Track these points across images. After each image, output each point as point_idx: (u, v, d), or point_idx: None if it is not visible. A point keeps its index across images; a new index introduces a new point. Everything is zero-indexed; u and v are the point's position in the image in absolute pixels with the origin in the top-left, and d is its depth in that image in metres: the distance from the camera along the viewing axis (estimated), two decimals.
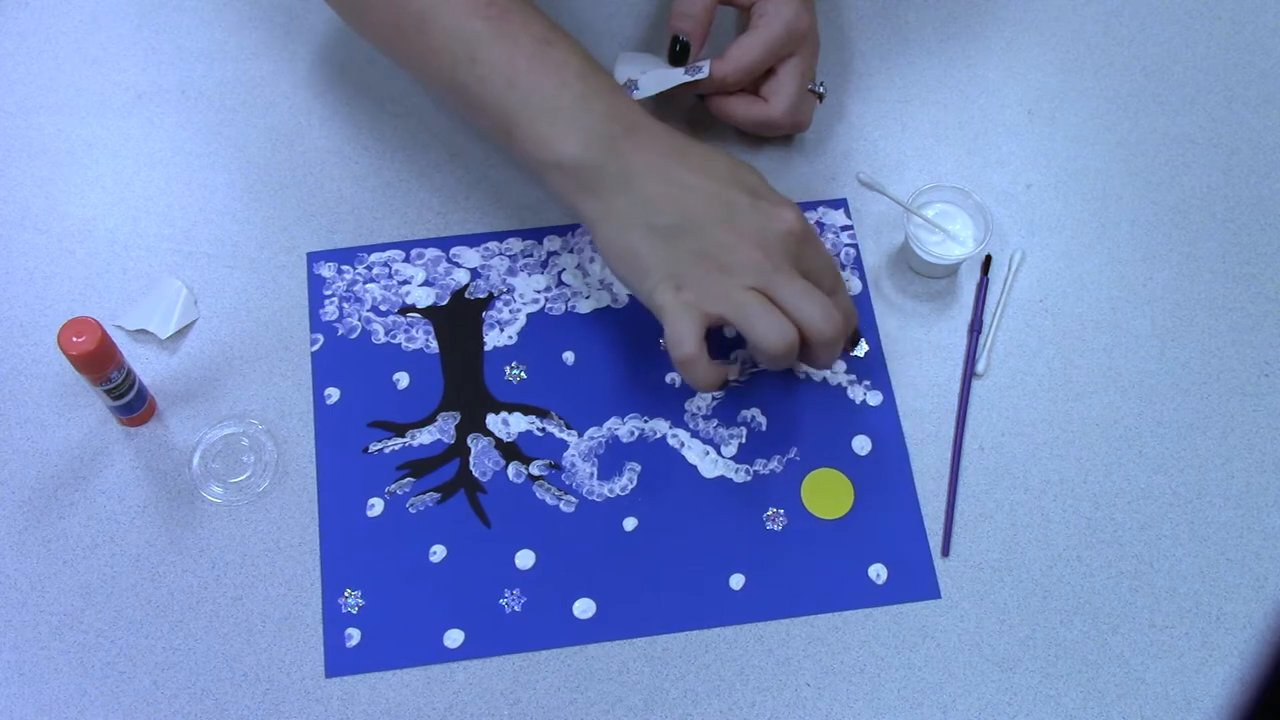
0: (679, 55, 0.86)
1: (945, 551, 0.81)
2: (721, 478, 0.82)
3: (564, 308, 0.87)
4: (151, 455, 0.82)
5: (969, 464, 0.83)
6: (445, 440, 0.83)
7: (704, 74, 0.83)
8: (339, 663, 0.77)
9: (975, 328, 0.87)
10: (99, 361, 0.76)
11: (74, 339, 0.74)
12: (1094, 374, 0.86)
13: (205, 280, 0.88)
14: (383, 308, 0.87)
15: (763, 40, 0.85)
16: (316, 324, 0.86)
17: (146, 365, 0.85)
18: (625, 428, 0.84)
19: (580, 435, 0.83)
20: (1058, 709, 0.77)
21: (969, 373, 0.86)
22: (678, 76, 0.85)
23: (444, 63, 0.78)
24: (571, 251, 0.89)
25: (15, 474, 0.82)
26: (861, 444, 0.84)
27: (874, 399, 0.85)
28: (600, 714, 0.76)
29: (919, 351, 0.87)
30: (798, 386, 0.85)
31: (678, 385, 0.85)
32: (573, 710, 0.76)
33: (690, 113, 0.92)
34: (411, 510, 0.81)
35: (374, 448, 0.83)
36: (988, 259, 0.89)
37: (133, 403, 0.81)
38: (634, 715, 0.76)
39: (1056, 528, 0.82)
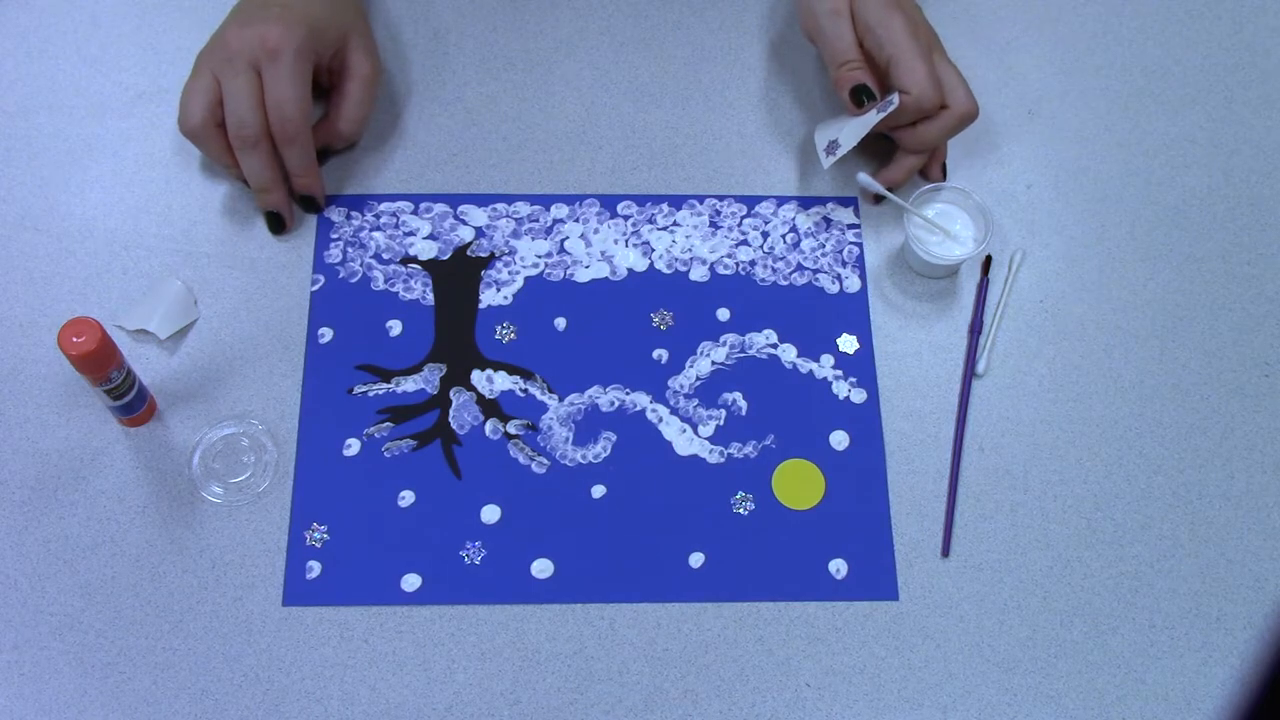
0: (863, 101, 0.86)
1: (945, 551, 0.81)
2: (695, 456, 0.83)
3: (562, 275, 0.88)
4: (151, 455, 0.82)
5: (969, 464, 0.83)
6: (428, 390, 0.85)
7: (895, 104, 0.84)
8: (297, 593, 0.79)
9: (975, 328, 0.87)
10: (99, 361, 0.76)
11: (74, 339, 0.74)
12: (1094, 374, 0.86)
13: (205, 280, 0.88)
14: (385, 256, 0.88)
15: (913, 55, 0.84)
16: (319, 265, 0.88)
17: (146, 365, 0.85)
18: (606, 397, 0.85)
19: (561, 400, 0.84)
20: (1058, 709, 0.77)
21: (969, 373, 0.86)
22: (872, 119, 0.85)
23: None
24: (577, 221, 0.90)
25: (15, 474, 0.82)
26: (839, 439, 0.84)
27: (858, 396, 0.85)
28: (600, 714, 0.76)
29: (919, 351, 0.87)
30: (783, 375, 0.86)
31: (664, 361, 0.86)
32: (573, 710, 0.76)
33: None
34: (386, 454, 0.83)
35: (358, 389, 0.84)
36: (988, 259, 0.89)
37: (133, 403, 0.81)
38: (634, 715, 0.76)
39: (1056, 528, 0.82)
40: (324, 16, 0.86)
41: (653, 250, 0.89)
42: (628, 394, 0.85)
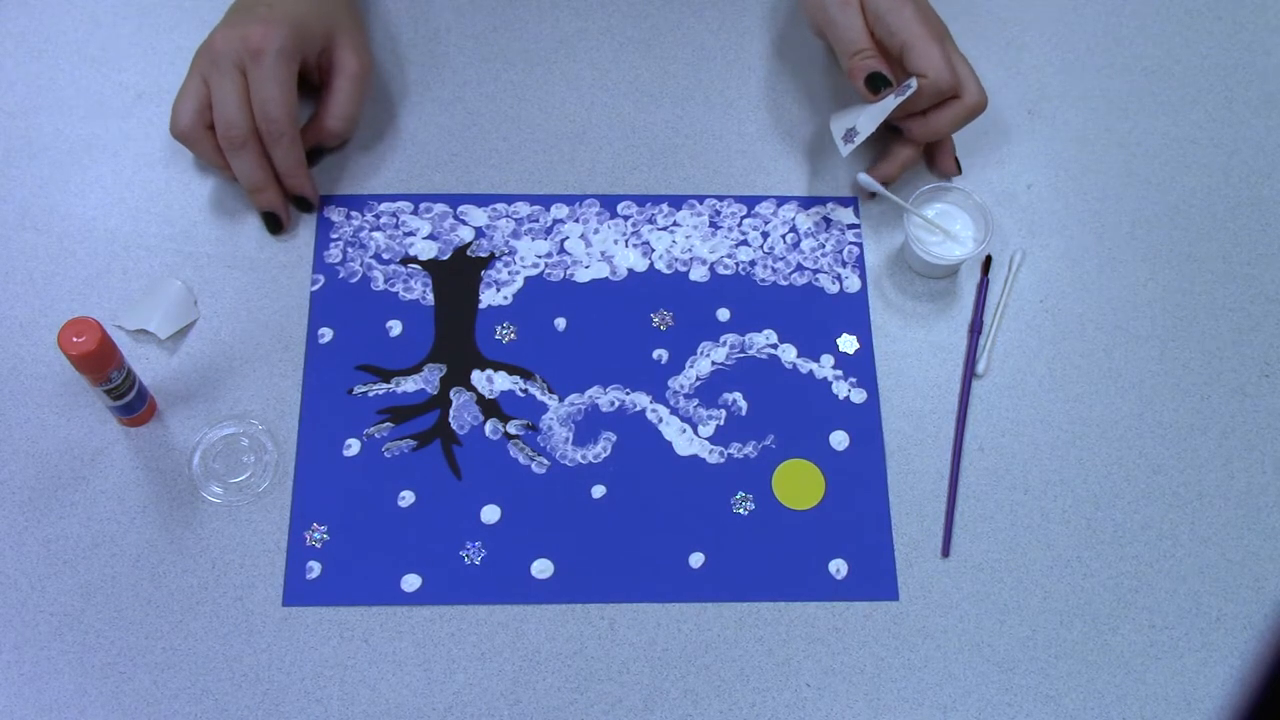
0: (878, 89, 0.86)
1: (945, 552, 0.81)
2: (695, 457, 0.83)
3: (562, 275, 0.89)
4: (151, 455, 0.82)
5: (969, 464, 0.83)
6: (429, 390, 0.85)
7: (913, 88, 0.84)
8: (297, 593, 0.79)
9: (975, 328, 0.87)
10: (99, 361, 0.76)
11: (74, 339, 0.74)
12: (1094, 374, 0.86)
13: (205, 280, 0.88)
14: (385, 256, 0.88)
15: (927, 39, 0.84)
16: (319, 265, 0.88)
17: (146, 365, 0.85)
18: (606, 397, 0.85)
19: (561, 400, 0.84)
20: (1058, 709, 0.77)
21: (969, 373, 0.86)
22: (890, 103, 0.85)
23: None
24: (577, 221, 0.90)
25: (15, 474, 0.82)
26: (839, 439, 0.84)
27: (858, 396, 0.85)
28: (600, 714, 0.76)
29: (919, 351, 0.87)
30: (783, 375, 0.86)
31: (664, 361, 0.86)
32: (573, 710, 0.76)
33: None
34: (386, 455, 0.83)
35: (359, 390, 0.85)
36: (988, 259, 0.89)
37: (133, 403, 0.81)
38: (634, 715, 0.76)
39: (1056, 528, 0.82)
40: (309, 15, 0.86)
41: (653, 250, 0.89)
42: (628, 394, 0.85)
